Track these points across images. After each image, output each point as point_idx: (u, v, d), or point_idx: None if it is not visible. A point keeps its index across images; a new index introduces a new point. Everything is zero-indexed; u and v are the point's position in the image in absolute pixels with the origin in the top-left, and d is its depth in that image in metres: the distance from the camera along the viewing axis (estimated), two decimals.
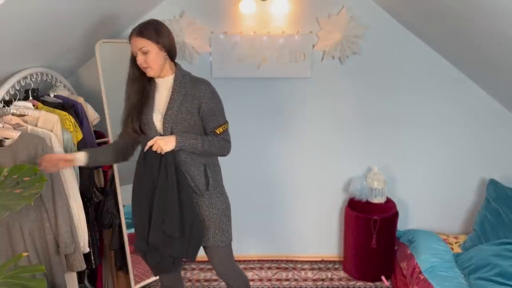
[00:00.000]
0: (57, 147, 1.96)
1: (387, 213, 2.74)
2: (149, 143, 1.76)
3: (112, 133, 2.42)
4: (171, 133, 1.80)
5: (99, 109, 2.46)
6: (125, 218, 2.48)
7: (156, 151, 1.75)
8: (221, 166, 2.00)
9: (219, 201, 1.92)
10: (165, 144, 1.74)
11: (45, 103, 2.18)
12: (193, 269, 3.01)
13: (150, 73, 1.81)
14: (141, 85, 1.86)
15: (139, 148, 1.96)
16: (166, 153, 1.76)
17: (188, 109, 1.80)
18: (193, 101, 1.81)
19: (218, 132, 1.85)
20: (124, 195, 2.48)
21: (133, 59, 1.83)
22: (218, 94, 1.87)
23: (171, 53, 1.83)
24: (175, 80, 1.84)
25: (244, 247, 3.07)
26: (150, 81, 1.88)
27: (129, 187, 2.52)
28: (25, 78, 2.09)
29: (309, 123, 2.90)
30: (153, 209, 1.79)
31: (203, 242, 1.91)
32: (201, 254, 1.96)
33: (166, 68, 1.84)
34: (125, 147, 1.99)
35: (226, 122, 1.89)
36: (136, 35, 1.76)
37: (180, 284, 2.16)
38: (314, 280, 2.89)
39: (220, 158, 1.99)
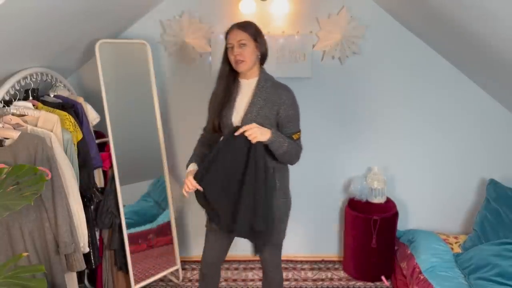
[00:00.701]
0: (57, 147, 1.95)
1: (387, 213, 2.74)
2: (245, 127, 1.75)
3: (112, 133, 2.42)
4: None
5: (99, 109, 2.46)
6: (125, 218, 2.48)
7: (246, 138, 1.75)
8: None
9: (282, 202, 1.96)
10: (260, 133, 1.75)
11: (45, 103, 2.18)
12: (193, 269, 3.01)
13: (242, 67, 1.83)
14: (226, 83, 1.90)
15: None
16: (256, 143, 1.76)
17: (266, 115, 1.83)
18: (273, 107, 1.84)
19: (294, 138, 1.88)
20: (124, 195, 2.48)
21: (225, 56, 1.89)
22: (297, 102, 1.90)
23: (264, 56, 1.90)
24: (258, 83, 1.88)
25: (244, 247, 3.05)
26: (234, 80, 1.92)
27: (129, 187, 2.55)
28: (25, 78, 2.09)
29: (309, 123, 2.88)
30: (239, 203, 1.78)
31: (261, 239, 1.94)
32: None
33: (253, 70, 1.89)
34: (211, 138, 2.03)
35: (300, 131, 1.92)
36: (238, 28, 1.84)
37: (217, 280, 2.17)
38: (314, 280, 2.88)
39: None
